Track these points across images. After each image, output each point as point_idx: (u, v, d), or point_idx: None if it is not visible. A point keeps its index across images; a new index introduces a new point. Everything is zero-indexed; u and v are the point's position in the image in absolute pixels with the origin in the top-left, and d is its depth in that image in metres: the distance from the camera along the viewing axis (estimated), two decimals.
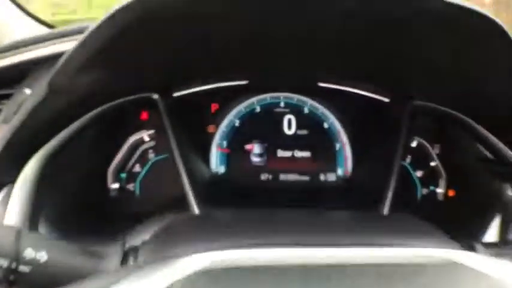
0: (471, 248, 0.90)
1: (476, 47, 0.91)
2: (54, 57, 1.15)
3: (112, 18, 0.81)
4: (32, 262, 0.71)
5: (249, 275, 0.60)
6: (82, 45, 0.86)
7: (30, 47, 1.20)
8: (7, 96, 1.16)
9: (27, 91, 1.12)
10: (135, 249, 0.84)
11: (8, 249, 0.70)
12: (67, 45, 1.16)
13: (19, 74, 1.18)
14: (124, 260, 0.80)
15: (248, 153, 1.47)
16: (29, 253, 0.71)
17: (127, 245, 0.87)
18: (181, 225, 0.94)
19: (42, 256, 0.72)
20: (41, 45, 1.20)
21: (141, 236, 1.02)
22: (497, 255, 0.88)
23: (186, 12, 0.85)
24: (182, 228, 0.92)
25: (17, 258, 0.70)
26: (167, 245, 0.79)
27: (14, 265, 0.70)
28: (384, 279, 0.61)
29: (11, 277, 0.70)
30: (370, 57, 1.14)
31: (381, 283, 0.60)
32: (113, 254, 0.81)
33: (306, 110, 1.48)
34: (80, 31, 1.19)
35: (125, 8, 0.79)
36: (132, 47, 0.94)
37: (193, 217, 1.06)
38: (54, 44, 1.19)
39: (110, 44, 0.85)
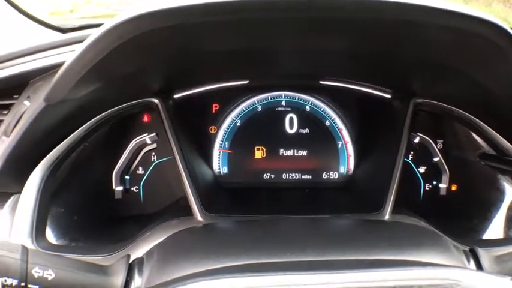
0: (472, 253, 0.91)
1: (476, 48, 0.91)
2: (53, 68, 1.15)
3: (108, 33, 0.81)
4: (40, 281, 0.73)
5: None
6: (76, 61, 0.86)
7: (30, 57, 1.19)
8: (7, 107, 1.16)
9: (27, 103, 1.12)
10: (139, 263, 0.85)
11: (16, 269, 0.72)
12: (66, 56, 1.16)
13: (19, 84, 1.17)
14: (129, 276, 0.82)
15: (250, 153, 1.48)
16: (36, 272, 0.73)
17: (132, 257, 0.88)
18: (184, 240, 0.96)
19: (50, 274, 0.74)
20: (40, 54, 1.20)
21: (145, 245, 1.03)
22: (498, 259, 0.89)
23: (186, 24, 0.85)
24: (185, 244, 0.93)
25: (26, 277, 0.72)
26: (170, 265, 0.81)
27: (22, 284, 0.71)
28: None
29: None
30: (372, 59, 1.15)
31: None
32: (118, 269, 0.82)
33: (307, 109, 1.48)
34: (81, 40, 1.20)
35: (122, 23, 0.79)
36: (129, 58, 0.94)
37: (195, 229, 1.07)
38: (54, 54, 1.19)
39: (106, 58, 0.85)
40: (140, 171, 1.41)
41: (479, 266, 0.88)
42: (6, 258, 0.72)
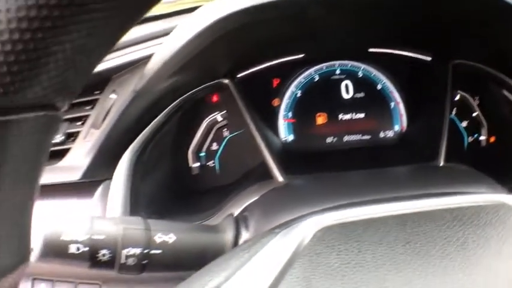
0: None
1: (499, 16, 1.06)
2: (135, 63, 1.29)
3: (214, 25, 0.92)
4: (162, 245, 0.81)
5: (362, 226, 0.73)
6: (178, 53, 0.98)
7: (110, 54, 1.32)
8: (90, 102, 1.29)
9: (113, 96, 1.25)
10: (244, 219, 0.96)
11: (141, 238, 0.80)
12: (144, 52, 1.30)
13: (100, 81, 1.31)
14: (237, 230, 0.92)
15: (312, 120, 1.59)
16: (159, 237, 0.82)
17: (234, 216, 0.99)
18: (277, 195, 1.08)
19: (171, 237, 0.83)
20: (120, 52, 1.33)
21: (237, 207, 1.16)
22: None
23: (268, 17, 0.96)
24: (279, 198, 1.05)
25: (149, 244, 0.81)
26: (272, 214, 0.91)
27: (145, 252, 0.80)
28: (453, 220, 0.73)
29: (144, 261, 0.80)
30: (413, 25, 1.28)
31: (451, 223, 0.72)
32: (227, 226, 0.92)
33: (360, 75, 1.59)
34: (154, 36, 1.33)
35: (225, 18, 0.90)
36: (217, 47, 1.06)
37: (280, 186, 1.19)
38: (132, 51, 1.33)
39: (203, 51, 0.97)
40: (214, 147, 1.54)
41: None
42: (129, 230, 0.80)
